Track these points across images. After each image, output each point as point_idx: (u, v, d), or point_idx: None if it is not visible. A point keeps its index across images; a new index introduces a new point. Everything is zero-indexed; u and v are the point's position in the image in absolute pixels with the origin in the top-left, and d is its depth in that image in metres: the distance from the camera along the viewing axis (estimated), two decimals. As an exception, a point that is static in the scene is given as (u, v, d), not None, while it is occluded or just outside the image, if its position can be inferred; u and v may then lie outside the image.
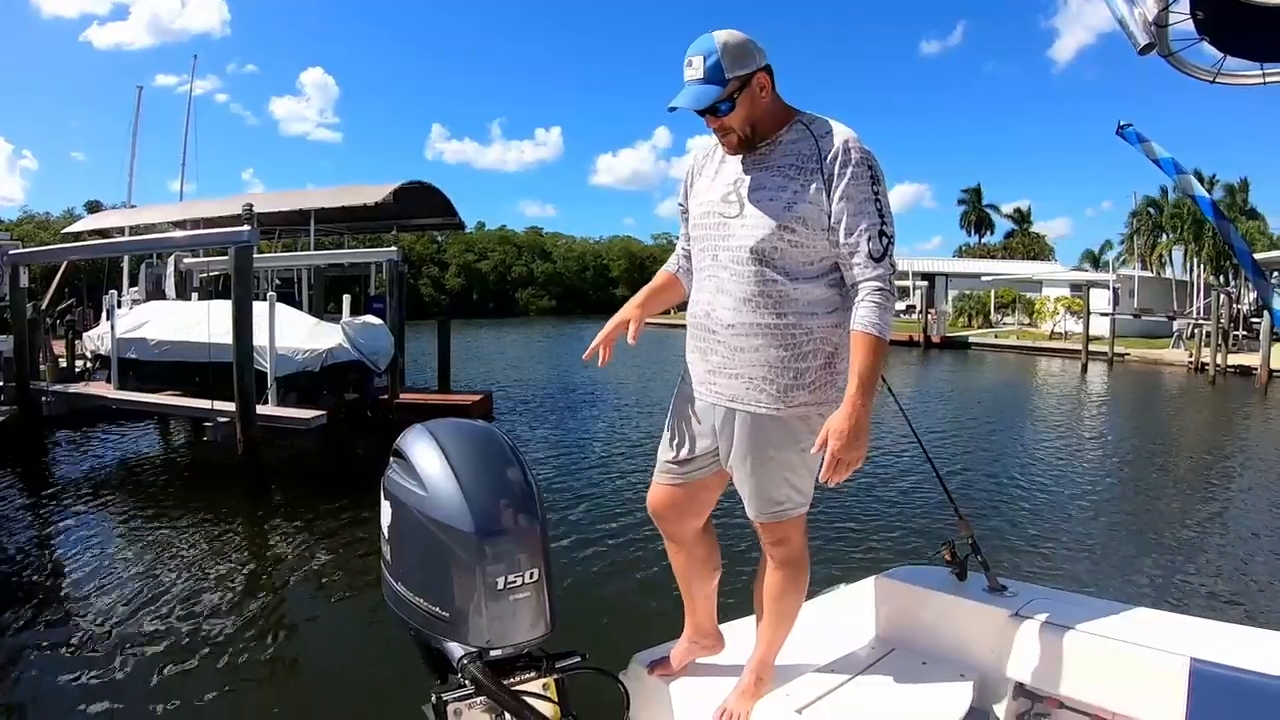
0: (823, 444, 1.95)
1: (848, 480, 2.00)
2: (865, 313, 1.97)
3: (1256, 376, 23.16)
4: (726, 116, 2.03)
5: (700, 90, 1.99)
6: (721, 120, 2.04)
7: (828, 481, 1.97)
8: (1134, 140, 2.52)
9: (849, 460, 1.94)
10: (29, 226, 48.03)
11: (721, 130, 2.07)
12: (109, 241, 19.25)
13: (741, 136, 2.06)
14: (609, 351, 2.34)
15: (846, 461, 1.94)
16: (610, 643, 3.67)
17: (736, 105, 2.01)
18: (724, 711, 2.19)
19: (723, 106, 2.01)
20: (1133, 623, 2.17)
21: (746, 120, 2.04)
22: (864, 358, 1.95)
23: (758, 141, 2.08)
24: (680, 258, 2.41)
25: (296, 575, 6.93)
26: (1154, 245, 45.07)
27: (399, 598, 1.63)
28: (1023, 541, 7.69)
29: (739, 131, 2.05)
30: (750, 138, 2.07)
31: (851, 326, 1.99)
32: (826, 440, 1.94)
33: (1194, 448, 14.20)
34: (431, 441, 1.63)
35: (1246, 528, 8.62)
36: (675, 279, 2.41)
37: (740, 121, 2.04)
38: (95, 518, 8.60)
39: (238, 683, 4.99)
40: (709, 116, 2.04)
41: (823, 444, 1.95)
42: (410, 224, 22.86)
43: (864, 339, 1.96)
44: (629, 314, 2.35)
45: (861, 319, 1.97)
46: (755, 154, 2.10)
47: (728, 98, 1.99)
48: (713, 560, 2.43)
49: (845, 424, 1.92)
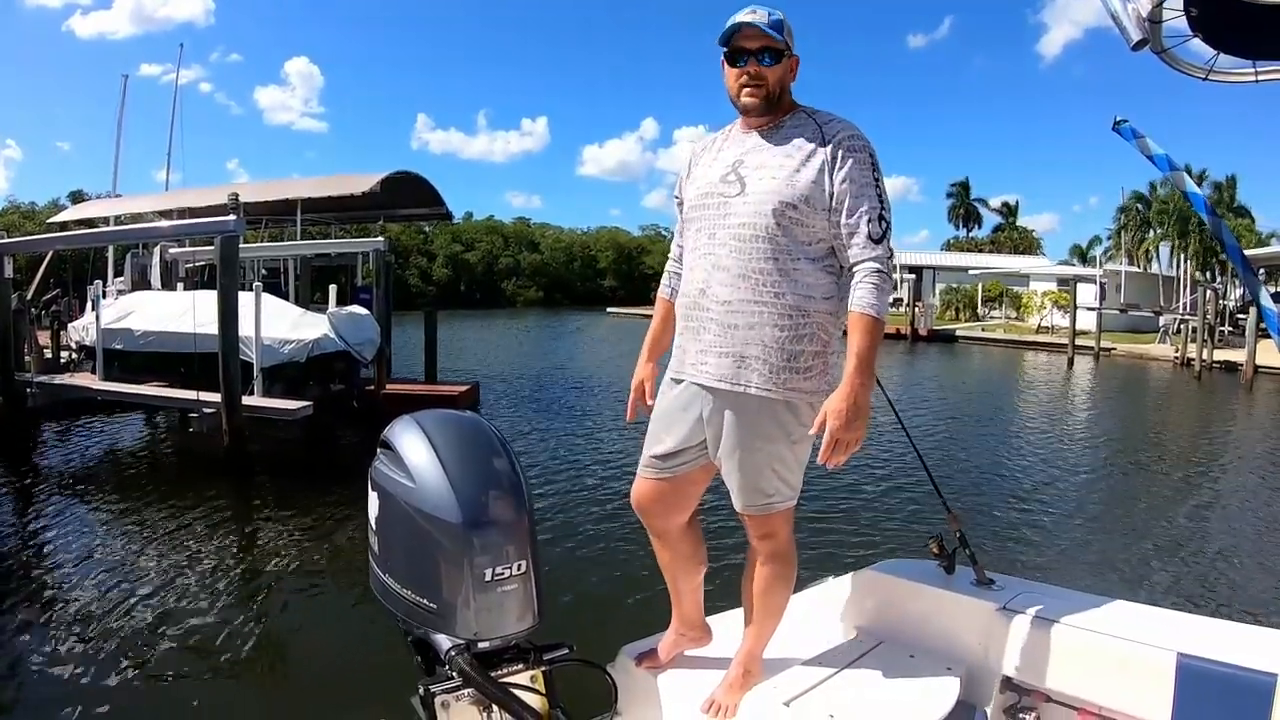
0: (821, 425, 1.94)
1: (838, 470, 1.99)
2: (863, 294, 1.98)
3: (1242, 372, 23.27)
4: (769, 68, 2.08)
5: (766, 27, 2.05)
6: (762, 70, 2.08)
7: (826, 464, 1.95)
8: (1129, 136, 2.52)
9: (848, 440, 1.94)
10: (13, 216, 47.55)
11: (757, 79, 2.09)
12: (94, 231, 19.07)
13: (770, 94, 2.09)
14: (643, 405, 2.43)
15: (846, 442, 1.93)
16: (598, 635, 3.66)
17: (780, 63, 2.08)
18: (712, 704, 2.19)
19: (770, 58, 2.07)
20: (1120, 617, 2.18)
21: (779, 83, 2.10)
22: (862, 338, 1.96)
23: (766, 119, 2.12)
24: (672, 274, 2.40)
25: (283, 567, 6.90)
26: (1141, 241, 45.28)
27: (386, 589, 1.62)
28: (1010, 535, 7.72)
29: (771, 88, 2.09)
30: (774, 103, 2.11)
31: (849, 307, 2.00)
32: (824, 423, 1.94)
33: (1180, 443, 14.28)
34: (419, 432, 1.62)
35: (1232, 523, 8.67)
36: (672, 304, 2.38)
37: (775, 80, 2.09)
38: (80, 509, 8.55)
39: (223, 675, 4.96)
40: (751, 60, 2.08)
41: (821, 425, 1.94)
42: (397, 214, 22.76)
43: (862, 319, 1.96)
44: (642, 375, 2.43)
45: (860, 300, 1.98)
46: (757, 136, 2.11)
47: (778, 50, 2.07)
48: (698, 555, 2.42)
49: (844, 404, 1.92)
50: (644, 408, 2.40)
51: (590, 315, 55.24)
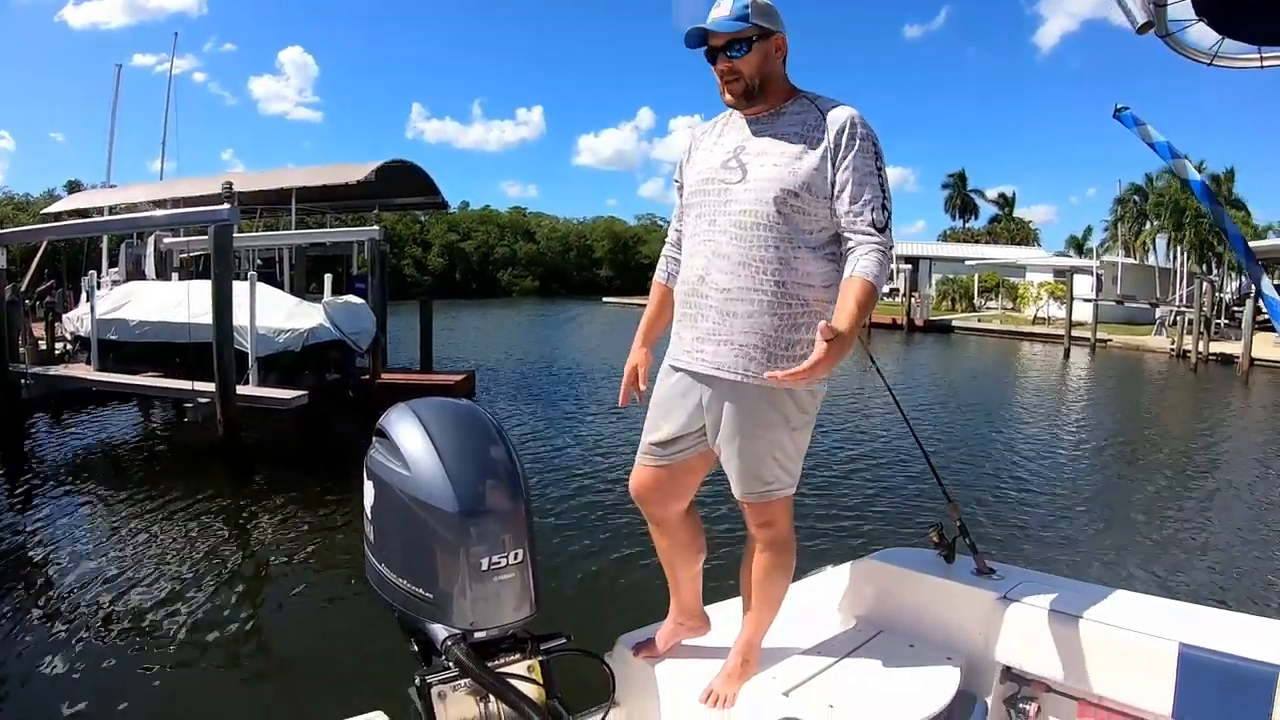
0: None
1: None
2: (866, 264, 1.93)
3: (1238, 364, 23.35)
4: (740, 59, 2.03)
5: (723, 21, 2.00)
6: (733, 63, 2.04)
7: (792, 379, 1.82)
8: (1130, 124, 2.49)
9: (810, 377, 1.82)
10: (8, 208, 47.27)
11: (731, 74, 2.05)
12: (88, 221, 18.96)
13: (749, 86, 2.05)
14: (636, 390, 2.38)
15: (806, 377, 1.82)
16: (595, 624, 3.66)
17: (752, 51, 2.03)
18: (710, 693, 2.18)
19: (738, 49, 2.02)
20: (1121, 607, 2.17)
21: (758, 72, 2.05)
22: (857, 296, 1.89)
23: (761, 106, 2.08)
24: (669, 259, 2.37)
25: (278, 557, 6.89)
26: (1138, 233, 45.26)
27: (382, 579, 1.60)
28: (1011, 525, 7.75)
29: (748, 80, 2.05)
30: (755, 93, 2.06)
31: (848, 274, 1.94)
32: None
33: (1178, 434, 14.32)
34: (414, 420, 1.60)
35: (1231, 514, 8.71)
36: (668, 289, 2.35)
37: (751, 70, 2.04)
38: (75, 500, 8.54)
39: (218, 665, 4.96)
40: (721, 57, 2.04)
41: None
42: (393, 203, 22.70)
43: (862, 282, 1.91)
44: (636, 359, 2.37)
45: (861, 269, 1.93)
46: (758, 123, 2.09)
47: (745, 39, 2.01)
48: (697, 543, 2.40)
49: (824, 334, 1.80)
50: (636, 393, 2.37)
51: (586, 305, 55.19)
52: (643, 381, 2.35)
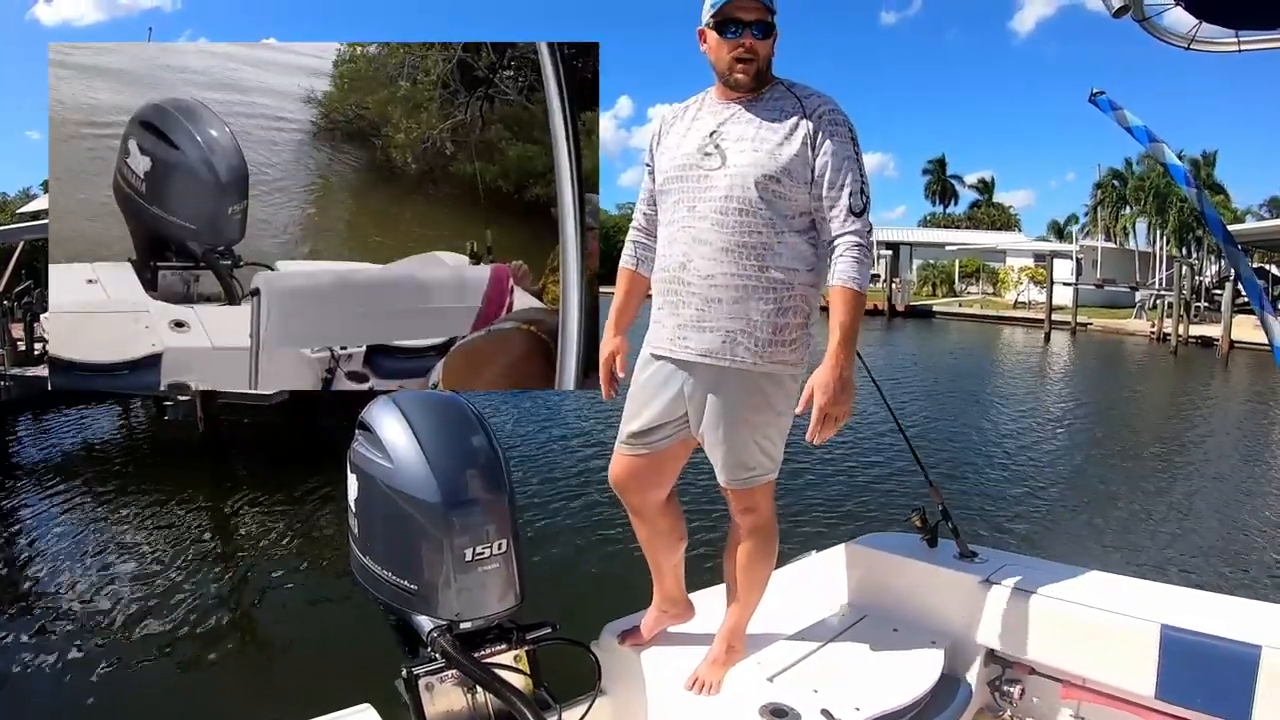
0: (808, 401, 1.92)
1: (820, 445, 1.98)
2: (845, 267, 1.95)
3: (1218, 347, 23.51)
4: (760, 42, 2.02)
5: None
6: (755, 43, 2.01)
7: (813, 439, 1.93)
8: (1106, 108, 2.49)
9: (836, 414, 1.92)
10: (-18, 210, 46.82)
11: (748, 55, 2.03)
12: (65, 217, 18.76)
13: (760, 69, 2.04)
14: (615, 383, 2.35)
15: (834, 416, 1.92)
16: (581, 613, 3.66)
17: (770, 38, 2.03)
18: (696, 680, 2.18)
19: (762, 30, 2.01)
20: (1103, 589, 2.18)
21: (767, 59, 2.04)
22: (845, 312, 1.94)
23: (741, 91, 2.07)
24: (637, 244, 2.36)
25: (262, 553, 6.86)
26: (1118, 217, 45.45)
27: (367, 571, 1.61)
28: (992, 508, 7.78)
29: (761, 63, 2.04)
30: (761, 79, 2.06)
31: (831, 281, 1.97)
32: (810, 398, 1.92)
33: (1159, 417, 14.45)
34: (397, 413, 1.60)
35: (1212, 495, 8.78)
36: (636, 274, 2.35)
37: (765, 56, 2.04)
38: (58, 500, 8.45)
39: (204, 661, 4.94)
40: (746, 33, 2.01)
41: (808, 401, 1.92)
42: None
43: (845, 293, 1.94)
44: (611, 348, 2.34)
45: (842, 273, 1.95)
46: (735, 108, 2.07)
47: (770, 25, 2.01)
48: (678, 530, 2.39)
49: (830, 377, 1.91)
50: (614, 383, 2.35)
51: (570, 296, 54.88)
52: (620, 369, 2.34)
